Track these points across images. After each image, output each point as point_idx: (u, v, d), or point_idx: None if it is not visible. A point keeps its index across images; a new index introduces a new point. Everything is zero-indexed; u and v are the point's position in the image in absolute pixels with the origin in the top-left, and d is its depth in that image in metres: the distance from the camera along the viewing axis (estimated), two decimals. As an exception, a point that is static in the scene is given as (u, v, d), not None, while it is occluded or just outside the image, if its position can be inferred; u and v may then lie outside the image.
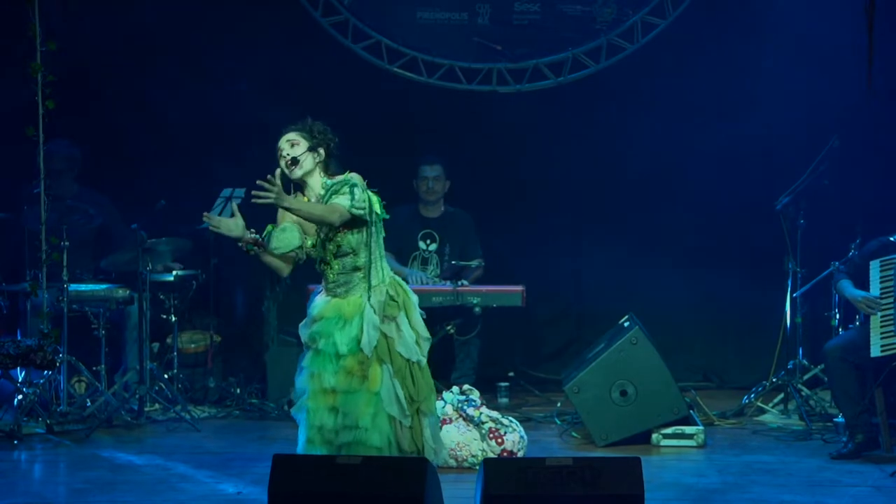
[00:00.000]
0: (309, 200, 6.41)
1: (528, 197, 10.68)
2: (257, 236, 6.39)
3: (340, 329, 6.31)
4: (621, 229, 10.55)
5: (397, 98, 10.57)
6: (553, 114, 10.58)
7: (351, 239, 6.34)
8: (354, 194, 6.27)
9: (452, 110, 10.62)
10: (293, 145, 6.41)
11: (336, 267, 6.37)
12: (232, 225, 6.38)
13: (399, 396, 6.26)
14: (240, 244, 6.40)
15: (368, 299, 6.34)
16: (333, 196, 6.29)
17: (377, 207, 6.40)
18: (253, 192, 6.18)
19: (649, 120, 10.36)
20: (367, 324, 6.30)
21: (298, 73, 10.37)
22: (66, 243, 8.79)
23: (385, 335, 6.31)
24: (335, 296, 6.39)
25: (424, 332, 6.44)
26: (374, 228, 6.39)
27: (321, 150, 6.42)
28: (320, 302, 6.43)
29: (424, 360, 6.40)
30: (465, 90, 10.54)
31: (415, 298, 6.47)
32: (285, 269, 6.48)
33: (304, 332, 6.43)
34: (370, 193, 6.38)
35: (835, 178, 9.41)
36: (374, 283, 6.38)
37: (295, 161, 6.37)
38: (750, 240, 10.39)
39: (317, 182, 6.41)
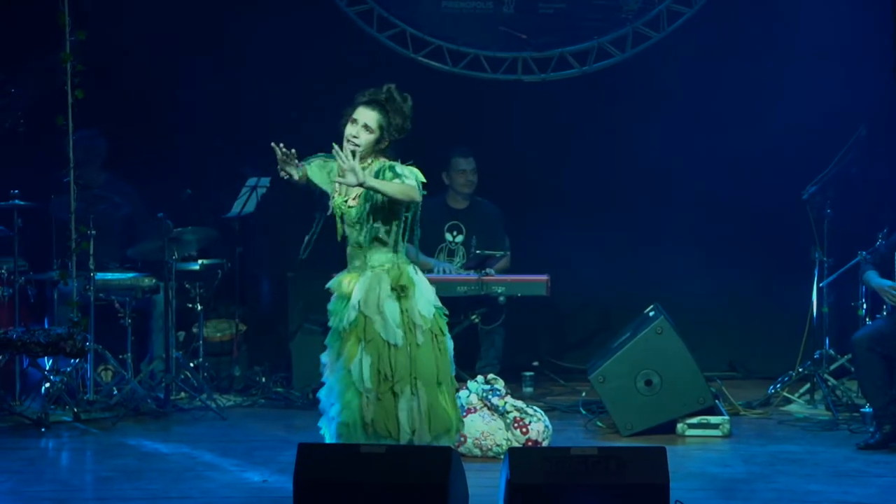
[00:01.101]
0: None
1: (553, 186, 10.66)
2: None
3: (343, 307, 6.43)
4: (647, 218, 10.54)
5: (422, 87, 10.55)
6: (578, 103, 10.56)
7: (352, 212, 6.44)
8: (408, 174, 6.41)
9: (477, 99, 10.61)
10: (367, 130, 6.46)
11: (341, 229, 6.48)
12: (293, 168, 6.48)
13: (364, 371, 6.32)
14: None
15: (364, 280, 6.43)
16: (394, 178, 6.37)
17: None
18: (336, 179, 6.32)
19: (675, 109, 10.32)
20: (352, 302, 6.42)
21: (323, 62, 10.39)
22: (93, 232, 8.82)
23: (364, 315, 6.37)
24: (348, 270, 6.55)
25: (421, 322, 6.45)
26: (407, 215, 6.47)
27: (384, 144, 6.48)
28: (337, 277, 6.60)
29: (408, 345, 6.39)
30: (489, 79, 10.54)
31: (425, 290, 6.51)
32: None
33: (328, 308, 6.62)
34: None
35: (862, 167, 9.38)
36: (374, 265, 6.45)
37: (357, 146, 6.42)
38: (776, 229, 10.36)
39: (366, 159, 6.47)
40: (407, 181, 6.37)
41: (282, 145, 6.44)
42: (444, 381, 6.49)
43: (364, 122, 6.46)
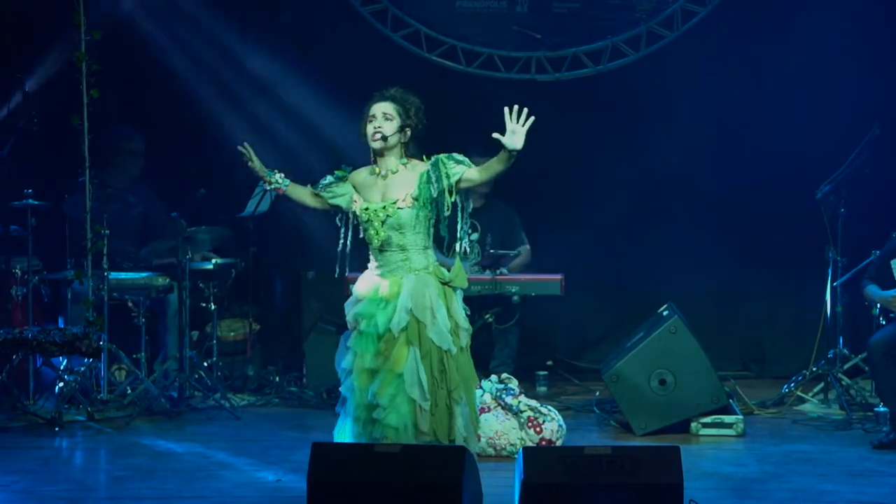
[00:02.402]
0: (380, 174, 6.54)
1: (567, 185, 10.65)
2: (278, 183, 6.63)
3: (382, 310, 6.39)
4: (661, 218, 10.52)
5: (436, 87, 10.56)
6: (592, 102, 10.54)
7: (401, 214, 6.41)
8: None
9: (491, 99, 10.57)
10: (387, 119, 6.50)
11: (381, 234, 6.43)
12: (258, 166, 6.66)
13: (422, 380, 6.30)
14: (266, 185, 6.68)
15: (408, 282, 6.40)
16: (454, 168, 6.45)
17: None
18: (512, 143, 6.35)
19: (689, 108, 10.30)
20: (400, 305, 6.36)
21: (337, 61, 10.39)
22: (107, 232, 8.82)
23: (417, 319, 6.34)
24: (380, 275, 6.46)
25: (464, 323, 6.48)
26: (443, 220, 6.50)
27: (408, 131, 6.51)
28: (365, 282, 6.52)
29: (457, 350, 6.42)
30: (503, 79, 10.52)
31: (460, 292, 6.53)
32: (315, 205, 6.71)
33: (349, 311, 6.52)
34: None
35: (876, 167, 9.35)
36: (417, 267, 6.44)
37: (384, 137, 6.43)
38: (790, 229, 10.34)
39: (394, 159, 6.50)
40: (467, 167, 6.49)
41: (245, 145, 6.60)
42: (475, 381, 6.61)
43: (382, 112, 6.52)
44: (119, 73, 9.42)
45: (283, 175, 6.70)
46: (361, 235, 6.63)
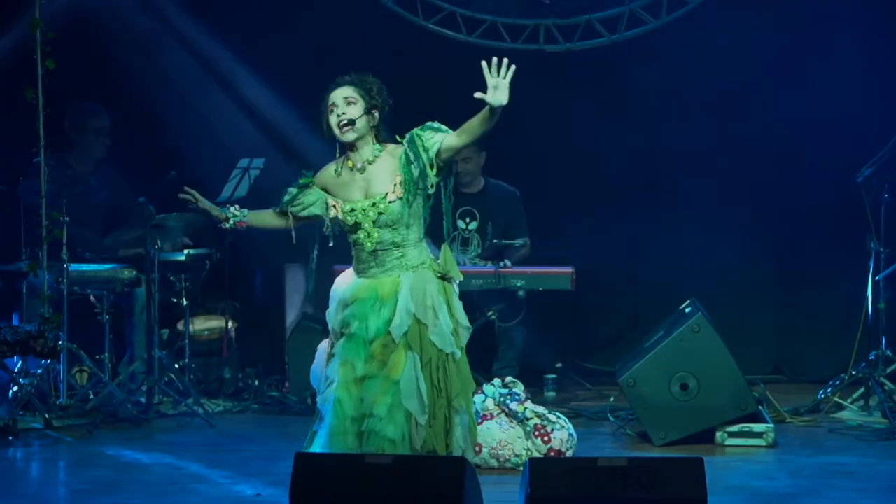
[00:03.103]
0: (355, 167, 6.49)
1: (578, 168, 10.67)
2: (237, 216, 6.64)
3: (377, 311, 6.35)
4: (682, 204, 10.53)
5: (433, 58, 10.56)
6: (607, 76, 10.54)
7: (394, 208, 6.37)
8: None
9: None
10: (349, 103, 6.45)
11: (375, 236, 6.40)
12: (209, 208, 6.70)
13: (421, 390, 6.27)
14: (223, 224, 6.69)
15: (407, 280, 6.38)
16: (430, 139, 6.41)
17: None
18: (477, 96, 6.26)
19: (715, 83, 10.32)
20: (401, 306, 6.31)
21: (327, 29, 10.39)
22: (66, 219, 8.81)
23: (419, 321, 6.32)
24: (368, 276, 6.42)
25: (464, 321, 6.46)
26: (427, 202, 6.48)
27: (375, 113, 6.47)
28: (353, 284, 6.47)
29: (461, 353, 6.41)
30: (508, 49, 10.49)
31: (455, 284, 6.51)
32: (284, 225, 6.65)
33: (333, 318, 6.46)
34: None
35: (923, 148, 9.37)
36: (414, 263, 6.41)
37: (351, 122, 6.40)
38: (827, 216, 10.36)
39: (367, 147, 6.46)
40: (443, 135, 6.44)
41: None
42: (472, 386, 6.55)
43: (342, 98, 6.45)
44: (80, 42, 9.42)
45: (237, 207, 6.69)
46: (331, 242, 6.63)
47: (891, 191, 9.32)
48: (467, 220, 10.01)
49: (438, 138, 6.39)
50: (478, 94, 6.25)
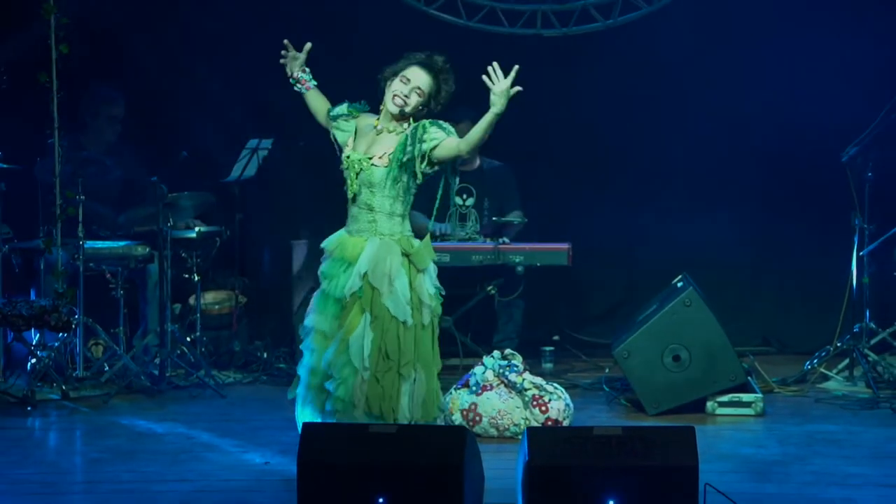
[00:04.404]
0: (377, 128, 6.63)
1: (574, 148, 10.64)
2: (308, 78, 6.83)
3: (344, 272, 6.48)
4: (675, 182, 10.53)
5: (433, 43, 10.50)
6: (602, 60, 10.50)
7: (375, 171, 6.46)
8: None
9: (493, 56, 10.53)
10: (417, 94, 6.59)
11: (354, 187, 6.49)
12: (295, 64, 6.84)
13: (364, 347, 6.34)
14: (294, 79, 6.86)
15: (371, 246, 6.48)
16: (432, 134, 6.49)
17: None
18: (496, 97, 6.41)
19: (707, 65, 10.29)
20: (355, 269, 6.45)
21: (327, 15, 10.34)
22: (82, 197, 8.81)
23: (371, 286, 6.39)
24: (348, 232, 6.59)
25: (430, 301, 6.52)
26: (414, 184, 6.54)
27: (425, 110, 6.62)
28: (335, 237, 6.66)
29: (415, 324, 6.47)
30: (506, 34, 10.49)
31: (432, 268, 6.57)
32: (322, 119, 6.87)
33: (319, 268, 6.65)
34: None
35: (906, 127, 9.34)
36: (384, 232, 6.49)
37: (403, 109, 6.55)
38: (813, 194, 10.34)
39: (396, 120, 6.58)
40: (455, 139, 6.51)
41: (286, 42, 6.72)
42: (437, 365, 6.62)
43: (418, 85, 6.60)
44: (93, 26, 9.40)
45: (311, 74, 6.84)
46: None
47: (874, 170, 9.31)
48: (464, 196, 10.00)
49: (440, 136, 6.48)
50: (486, 79, 6.31)
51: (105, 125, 9.72)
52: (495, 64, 6.35)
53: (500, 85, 6.39)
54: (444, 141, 6.48)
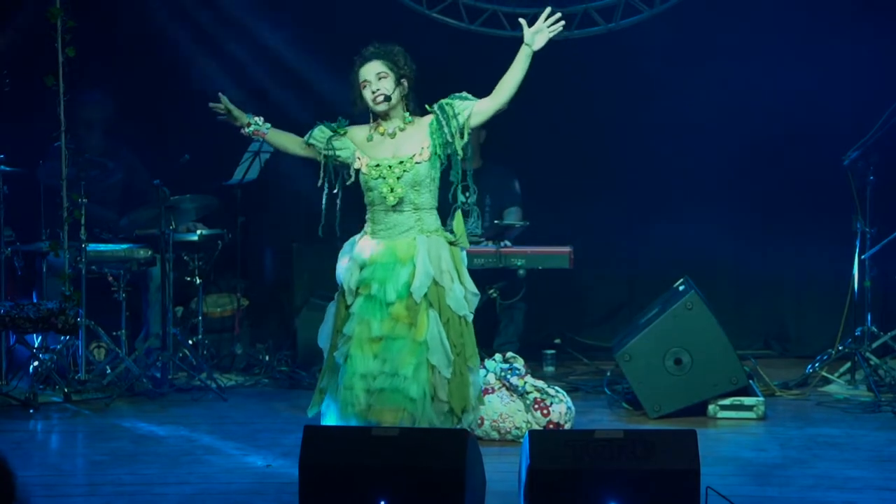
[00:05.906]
0: (385, 132, 6.60)
1: (576, 150, 10.63)
2: (258, 126, 6.72)
3: (396, 274, 6.44)
4: (677, 186, 10.51)
5: (436, 46, 10.51)
6: (603, 63, 10.50)
7: (420, 169, 6.46)
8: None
9: (495, 59, 10.53)
10: (381, 78, 6.57)
11: (398, 191, 6.44)
12: (235, 116, 6.72)
13: (445, 345, 6.36)
14: (245, 129, 6.77)
15: (423, 244, 6.44)
16: (460, 106, 6.56)
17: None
18: (535, 42, 6.64)
19: (708, 68, 10.27)
20: (420, 269, 6.39)
21: (330, 19, 10.34)
22: (85, 200, 8.81)
23: (437, 283, 6.40)
24: (385, 238, 6.49)
25: (472, 287, 6.59)
26: (437, 171, 6.60)
27: (405, 83, 6.58)
28: (368, 246, 6.56)
29: (471, 317, 6.51)
30: (508, 37, 10.46)
31: (464, 253, 6.60)
32: (302, 154, 6.79)
33: (347, 277, 6.53)
34: None
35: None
36: (430, 228, 6.49)
37: (387, 98, 6.49)
38: (815, 197, 10.33)
39: (399, 116, 6.54)
40: (473, 100, 6.61)
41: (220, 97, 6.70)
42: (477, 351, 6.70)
43: (375, 73, 6.58)
44: (96, 29, 9.38)
45: (262, 119, 6.76)
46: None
47: (876, 173, 9.30)
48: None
49: (468, 105, 6.53)
50: (522, 20, 6.34)
51: (83, 132, 9.57)
52: (548, 8, 6.37)
53: (539, 24, 6.40)
54: (474, 106, 6.53)
